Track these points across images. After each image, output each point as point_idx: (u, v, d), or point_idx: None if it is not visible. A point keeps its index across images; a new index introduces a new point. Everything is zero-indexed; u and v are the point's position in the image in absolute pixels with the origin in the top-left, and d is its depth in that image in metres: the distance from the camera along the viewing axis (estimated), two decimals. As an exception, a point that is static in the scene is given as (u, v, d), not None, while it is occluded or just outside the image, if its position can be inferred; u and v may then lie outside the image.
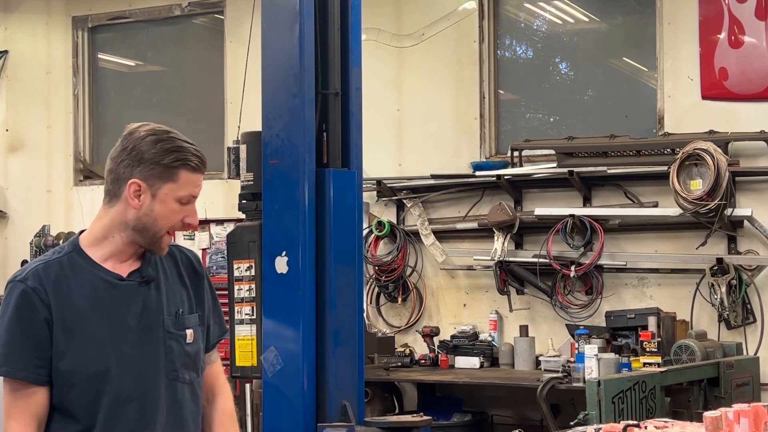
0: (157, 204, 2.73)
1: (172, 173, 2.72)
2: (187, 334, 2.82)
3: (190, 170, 2.74)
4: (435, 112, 8.53)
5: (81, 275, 2.72)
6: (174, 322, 2.80)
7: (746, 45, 7.45)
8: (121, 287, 2.75)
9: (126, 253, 2.78)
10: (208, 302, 2.96)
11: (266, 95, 5.22)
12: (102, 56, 10.31)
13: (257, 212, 5.29)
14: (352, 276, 5.21)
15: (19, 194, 10.32)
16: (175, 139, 2.76)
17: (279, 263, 4.94)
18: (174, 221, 2.76)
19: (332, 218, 5.09)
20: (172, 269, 2.88)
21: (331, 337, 5.05)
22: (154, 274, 2.81)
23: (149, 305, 2.78)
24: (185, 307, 2.85)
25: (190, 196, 2.77)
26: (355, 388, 5.14)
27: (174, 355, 2.79)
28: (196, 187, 2.77)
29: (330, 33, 5.31)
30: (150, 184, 2.72)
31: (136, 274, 2.78)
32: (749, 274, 7.29)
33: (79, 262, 2.74)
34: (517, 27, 8.65)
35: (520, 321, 7.91)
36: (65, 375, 2.67)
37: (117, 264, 2.77)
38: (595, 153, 7.72)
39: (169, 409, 2.78)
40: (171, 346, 2.78)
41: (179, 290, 2.87)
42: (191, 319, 2.86)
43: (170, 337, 2.79)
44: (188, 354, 2.83)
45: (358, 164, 5.41)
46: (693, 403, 6.24)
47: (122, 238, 2.76)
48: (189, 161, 2.74)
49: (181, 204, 2.76)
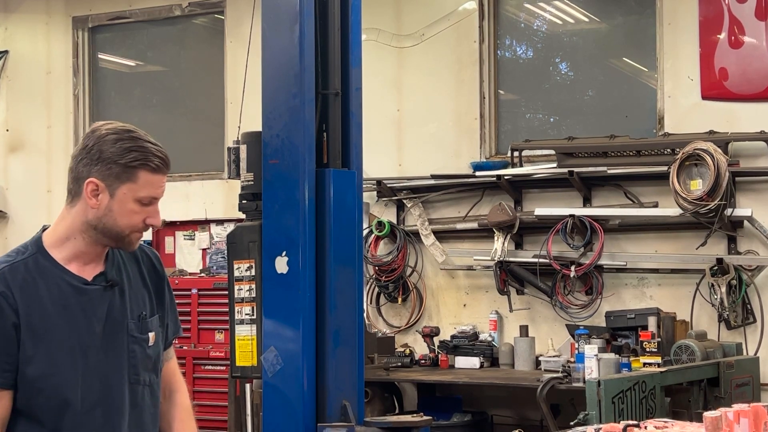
0: (115, 204, 2.67)
1: (131, 173, 2.66)
2: (149, 338, 2.81)
3: (149, 171, 2.67)
4: (435, 112, 8.53)
5: (47, 278, 2.68)
6: (137, 326, 2.79)
7: (746, 45, 7.45)
8: (87, 292, 2.71)
9: (89, 254, 2.73)
10: (167, 303, 2.94)
11: (266, 95, 5.23)
12: (102, 56, 10.31)
13: (257, 212, 5.29)
14: (352, 276, 5.21)
15: (19, 194, 10.32)
16: (137, 138, 2.69)
17: (279, 263, 4.94)
18: (134, 222, 2.70)
19: (332, 218, 5.09)
20: (134, 270, 2.85)
21: (331, 337, 5.05)
22: (118, 277, 2.78)
23: (114, 310, 2.75)
24: (147, 310, 2.84)
25: (151, 197, 2.70)
26: (355, 388, 5.14)
27: (137, 359, 2.77)
28: (157, 188, 2.70)
29: (330, 33, 5.31)
30: (108, 183, 2.66)
31: (101, 277, 2.75)
32: (749, 274, 7.29)
33: (44, 265, 2.69)
34: (517, 27, 8.65)
35: (520, 321, 7.91)
36: (31, 380, 2.64)
37: (81, 266, 2.73)
38: (595, 153, 7.72)
39: (131, 413, 2.77)
40: (134, 350, 2.77)
41: (141, 292, 2.85)
42: (153, 321, 2.84)
43: (134, 341, 2.77)
44: (149, 356, 2.82)
45: (358, 164, 5.41)
46: (693, 403, 6.24)
47: (84, 239, 2.71)
48: (149, 162, 2.67)
49: (142, 204, 2.69)
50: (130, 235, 2.72)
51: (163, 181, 2.73)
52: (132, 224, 2.70)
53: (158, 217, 2.74)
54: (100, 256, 2.77)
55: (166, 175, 2.73)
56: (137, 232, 2.73)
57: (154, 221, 2.73)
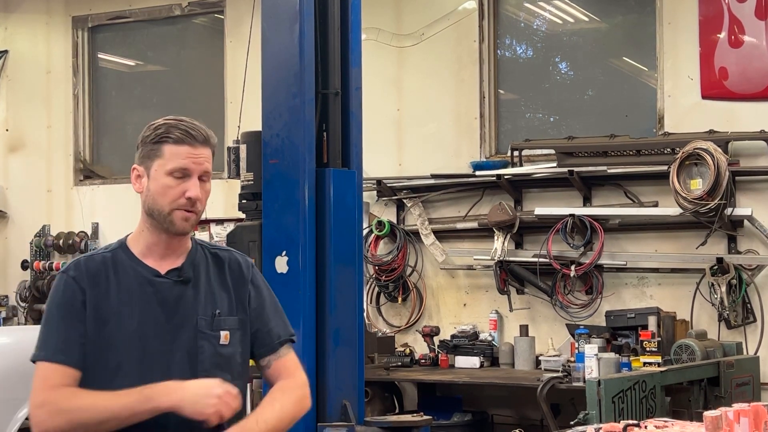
0: (152, 183, 2.76)
1: (158, 149, 2.75)
2: (221, 336, 2.82)
3: (172, 143, 2.74)
4: (435, 112, 8.53)
5: (121, 270, 2.77)
6: (208, 323, 2.80)
7: (746, 45, 7.45)
8: (156, 284, 2.78)
9: (159, 245, 2.80)
10: (254, 308, 2.92)
11: (266, 95, 5.23)
12: (102, 56, 10.31)
13: (257, 212, 5.30)
14: (352, 276, 5.22)
15: (19, 194, 10.32)
16: (168, 119, 2.79)
17: (279, 263, 4.95)
18: (172, 196, 2.74)
19: (332, 218, 5.09)
20: (215, 272, 2.88)
21: (331, 337, 5.06)
22: (193, 274, 2.82)
23: (184, 304, 2.79)
24: (224, 309, 2.85)
25: (180, 168, 2.74)
26: (355, 387, 5.15)
27: (205, 354, 2.79)
28: (184, 159, 2.74)
29: (330, 33, 5.32)
30: (145, 166, 2.77)
31: (175, 272, 2.80)
32: (749, 274, 7.29)
33: (121, 257, 2.80)
34: (517, 27, 8.65)
35: (520, 321, 7.91)
36: (91, 364, 2.71)
37: (157, 260, 2.80)
38: (595, 153, 7.72)
39: None
40: (202, 346, 2.79)
41: (220, 293, 2.86)
42: (229, 321, 2.84)
43: (202, 336, 2.79)
44: (221, 355, 2.82)
45: (358, 164, 5.42)
46: (693, 403, 6.25)
47: (149, 229, 2.80)
48: (170, 134, 2.74)
49: (175, 178, 2.74)
50: (171, 214, 2.75)
51: (192, 152, 2.75)
52: (170, 199, 2.74)
53: (196, 189, 2.74)
54: (176, 251, 2.82)
55: (194, 146, 2.75)
56: (179, 210, 2.75)
57: (192, 193, 2.74)
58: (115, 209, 9.75)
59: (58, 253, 9.94)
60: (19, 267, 10.03)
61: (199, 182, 2.77)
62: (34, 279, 9.91)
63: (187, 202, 2.75)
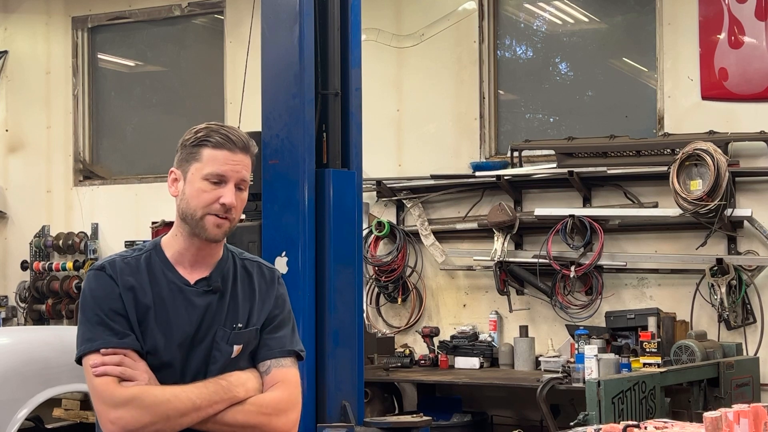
0: (187, 186, 2.74)
1: (196, 152, 2.74)
2: (233, 350, 2.81)
3: (211, 147, 2.73)
4: (435, 113, 8.53)
5: (153, 273, 2.77)
6: (226, 335, 2.79)
7: (746, 45, 7.45)
8: (185, 292, 2.77)
9: (189, 251, 2.79)
10: (270, 318, 2.88)
11: (266, 95, 5.23)
12: (102, 56, 10.31)
13: (257, 212, 5.30)
14: (352, 276, 5.21)
15: (19, 194, 10.32)
16: (210, 124, 2.79)
17: (279, 263, 4.95)
18: (206, 201, 2.72)
19: (332, 218, 5.09)
20: (245, 283, 2.87)
21: (331, 337, 5.05)
22: (222, 285, 2.81)
23: (209, 315, 2.79)
24: (246, 322, 2.83)
25: (217, 174, 2.72)
26: (354, 388, 5.15)
27: (216, 365, 2.79)
28: (221, 165, 2.72)
29: (330, 33, 5.32)
30: (182, 169, 2.76)
31: (204, 282, 2.80)
32: (749, 275, 7.29)
33: (154, 260, 2.79)
34: (517, 27, 8.65)
35: (519, 321, 7.91)
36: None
37: (187, 269, 2.79)
38: (595, 153, 7.72)
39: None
40: (215, 356, 2.79)
41: (243, 304, 2.85)
42: (245, 335, 2.83)
43: (217, 347, 2.79)
44: (228, 366, 2.81)
45: (358, 164, 5.42)
46: (693, 404, 6.24)
47: (182, 233, 2.79)
48: (210, 138, 2.74)
49: (211, 183, 2.73)
50: (204, 219, 2.73)
51: (230, 158, 2.74)
52: (203, 204, 2.72)
53: (231, 196, 2.72)
54: (205, 259, 2.81)
55: (233, 152, 2.74)
56: (211, 215, 2.73)
57: (226, 199, 2.72)
58: (115, 210, 9.75)
59: (58, 253, 9.94)
60: (19, 267, 10.04)
61: (236, 191, 2.75)
62: (33, 279, 9.91)
63: (221, 208, 2.72)
